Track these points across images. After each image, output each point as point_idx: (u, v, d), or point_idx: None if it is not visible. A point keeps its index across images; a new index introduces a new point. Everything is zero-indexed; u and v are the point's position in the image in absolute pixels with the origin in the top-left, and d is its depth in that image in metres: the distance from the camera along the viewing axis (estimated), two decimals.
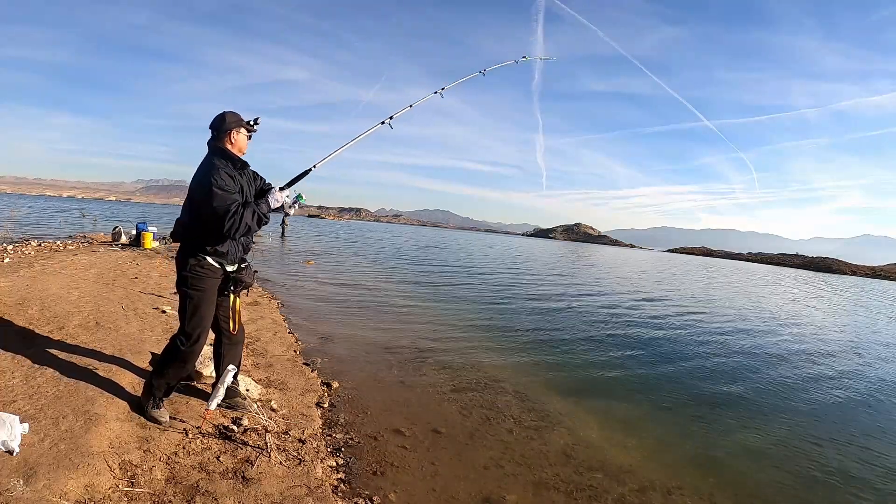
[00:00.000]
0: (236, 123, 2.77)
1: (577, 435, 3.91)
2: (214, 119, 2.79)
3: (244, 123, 2.81)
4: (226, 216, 2.58)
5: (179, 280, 2.76)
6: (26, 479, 2.07)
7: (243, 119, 2.82)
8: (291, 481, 2.57)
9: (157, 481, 2.35)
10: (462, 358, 5.74)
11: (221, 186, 2.60)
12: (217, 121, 2.76)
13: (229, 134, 2.75)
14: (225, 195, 2.60)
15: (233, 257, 2.84)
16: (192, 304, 2.74)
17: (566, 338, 7.51)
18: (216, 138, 2.76)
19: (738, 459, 3.83)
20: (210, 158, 2.72)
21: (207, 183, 2.59)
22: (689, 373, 6.20)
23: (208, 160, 2.72)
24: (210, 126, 2.79)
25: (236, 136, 2.78)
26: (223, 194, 2.59)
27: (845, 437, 4.53)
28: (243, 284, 2.95)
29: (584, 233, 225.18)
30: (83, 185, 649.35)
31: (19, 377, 3.00)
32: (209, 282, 2.77)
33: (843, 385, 6.31)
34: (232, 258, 2.84)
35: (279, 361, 4.62)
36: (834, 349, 8.79)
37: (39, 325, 4.07)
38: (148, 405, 2.87)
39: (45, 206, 42.24)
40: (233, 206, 2.61)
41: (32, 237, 12.64)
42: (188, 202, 2.75)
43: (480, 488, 2.97)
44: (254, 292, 8.05)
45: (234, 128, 2.75)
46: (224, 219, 2.58)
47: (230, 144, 2.77)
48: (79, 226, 20.06)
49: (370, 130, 3.46)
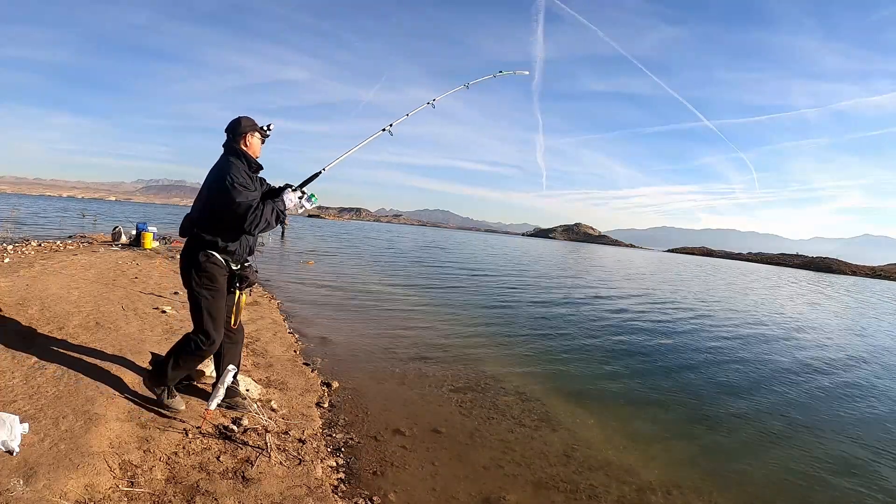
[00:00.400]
0: (251, 127, 2.87)
1: (578, 435, 3.91)
2: (231, 122, 2.88)
3: (258, 128, 2.91)
4: (248, 211, 2.65)
5: (191, 279, 2.77)
6: (26, 479, 2.07)
7: (257, 124, 2.92)
8: (291, 481, 2.57)
9: (157, 481, 2.35)
10: (462, 358, 5.74)
11: (243, 184, 2.70)
12: (233, 124, 2.86)
13: (245, 137, 2.85)
14: (246, 192, 2.68)
15: (238, 257, 2.90)
16: (208, 303, 2.79)
17: (567, 338, 7.51)
18: (232, 140, 2.84)
19: (739, 459, 3.83)
20: (227, 158, 2.81)
21: (229, 180, 2.66)
22: (690, 373, 6.19)
23: (225, 159, 2.81)
24: (226, 129, 2.88)
25: (251, 140, 2.87)
26: (245, 191, 2.68)
27: (847, 436, 4.52)
28: (248, 282, 3.00)
29: (584, 233, 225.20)
30: (83, 185, 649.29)
31: (19, 377, 3.00)
32: (221, 279, 2.82)
33: (844, 385, 6.30)
34: (238, 258, 2.89)
35: (279, 361, 4.62)
36: (834, 348, 8.79)
37: (39, 325, 4.07)
38: (164, 395, 2.93)
39: (45, 206, 42.24)
40: (255, 203, 2.69)
41: (32, 237, 12.64)
42: (202, 199, 2.80)
43: (480, 488, 2.97)
44: (254, 292, 8.06)
45: (248, 131, 2.85)
46: (246, 214, 2.65)
47: (245, 146, 2.86)
48: (79, 226, 20.06)
49: (372, 137, 3.65)
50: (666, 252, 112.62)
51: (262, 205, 2.72)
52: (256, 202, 2.70)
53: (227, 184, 2.65)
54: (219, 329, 2.85)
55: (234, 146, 2.83)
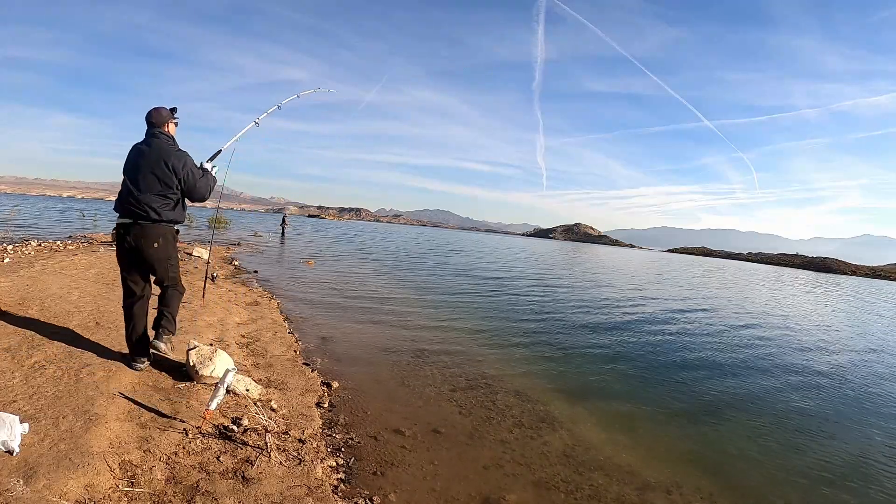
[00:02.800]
0: (169, 116, 3.40)
1: (578, 435, 3.91)
2: (154, 112, 3.32)
3: (173, 117, 3.45)
4: (206, 187, 3.42)
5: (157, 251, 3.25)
6: (26, 479, 2.07)
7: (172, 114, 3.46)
8: (291, 481, 2.57)
9: (157, 481, 2.35)
10: (462, 358, 5.74)
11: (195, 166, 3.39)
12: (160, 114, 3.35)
13: (167, 124, 3.38)
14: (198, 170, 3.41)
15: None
16: (176, 261, 3.51)
17: (567, 338, 7.51)
18: (160, 124, 3.34)
19: (739, 459, 3.84)
20: (166, 141, 3.31)
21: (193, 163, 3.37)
22: (690, 373, 6.19)
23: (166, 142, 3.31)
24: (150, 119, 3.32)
25: (172, 127, 3.44)
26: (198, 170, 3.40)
27: (848, 436, 4.53)
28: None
29: (584, 233, 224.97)
30: (83, 185, 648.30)
31: (19, 377, 3.00)
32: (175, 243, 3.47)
33: (846, 385, 6.30)
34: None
35: (279, 361, 4.62)
36: (836, 348, 8.79)
37: (39, 325, 4.06)
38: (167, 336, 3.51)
39: (45, 206, 42.22)
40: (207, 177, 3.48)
41: (32, 237, 12.64)
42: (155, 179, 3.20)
43: (480, 488, 2.97)
44: (254, 292, 8.06)
45: (168, 119, 3.39)
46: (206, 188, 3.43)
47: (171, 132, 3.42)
48: (79, 226, 20.06)
49: (244, 131, 4.51)
50: (666, 252, 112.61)
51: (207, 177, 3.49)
52: (203, 177, 3.44)
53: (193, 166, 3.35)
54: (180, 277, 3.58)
55: (165, 131, 3.34)
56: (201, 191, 3.38)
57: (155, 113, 3.30)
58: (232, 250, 15.23)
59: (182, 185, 3.28)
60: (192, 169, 3.31)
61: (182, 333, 4.56)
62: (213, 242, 13.31)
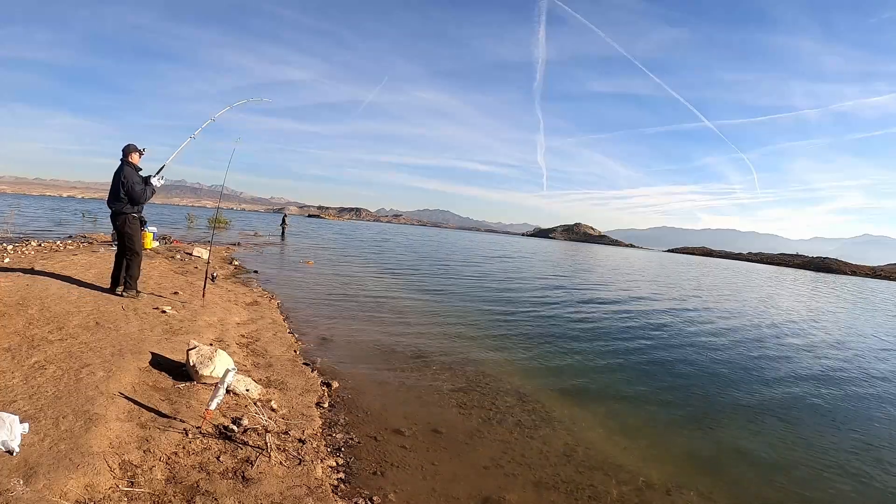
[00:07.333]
0: (134, 150, 5.58)
1: (577, 435, 3.91)
2: (125, 147, 5.58)
3: (138, 149, 5.61)
4: (142, 194, 5.55)
5: (125, 228, 5.57)
6: (26, 479, 2.07)
7: (138, 147, 5.60)
8: (291, 481, 2.57)
9: (157, 481, 2.35)
10: (462, 358, 5.74)
11: (135, 181, 5.53)
12: (126, 148, 5.56)
13: (131, 154, 5.55)
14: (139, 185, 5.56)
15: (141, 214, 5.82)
16: (137, 237, 5.71)
17: (567, 338, 7.51)
18: (127, 155, 5.55)
19: (739, 459, 3.84)
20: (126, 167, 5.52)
21: (137, 180, 5.55)
22: (690, 374, 6.20)
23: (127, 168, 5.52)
24: (123, 150, 5.57)
25: (135, 157, 5.59)
26: (136, 185, 5.52)
27: (848, 436, 4.52)
28: (145, 223, 5.37)
29: (584, 233, 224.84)
30: (83, 185, 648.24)
31: (19, 377, 3.00)
32: (137, 224, 5.73)
33: (846, 386, 6.30)
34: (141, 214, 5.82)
35: (279, 361, 4.62)
36: (836, 348, 8.79)
37: (39, 325, 4.07)
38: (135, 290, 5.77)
39: (45, 206, 42.21)
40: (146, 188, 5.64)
41: (32, 237, 12.63)
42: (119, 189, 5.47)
43: (480, 488, 2.97)
44: (254, 292, 8.06)
45: (133, 151, 5.56)
46: (143, 195, 5.56)
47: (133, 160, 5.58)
48: (79, 226, 20.05)
49: (182, 146, 6.16)
50: (666, 252, 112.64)
51: (145, 188, 5.59)
52: (141, 187, 5.54)
53: (138, 183, 5.52)
54: (140, 249, 5.76)
55: (128, 160, 5.53)
56: (137, 197, 5.49)
57: (125, 147, 5.56)
58: (232, 250, 15.23)
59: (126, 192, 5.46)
60: (132, 183, 5.42)
61: (182, 333, 4.57)
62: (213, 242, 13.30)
